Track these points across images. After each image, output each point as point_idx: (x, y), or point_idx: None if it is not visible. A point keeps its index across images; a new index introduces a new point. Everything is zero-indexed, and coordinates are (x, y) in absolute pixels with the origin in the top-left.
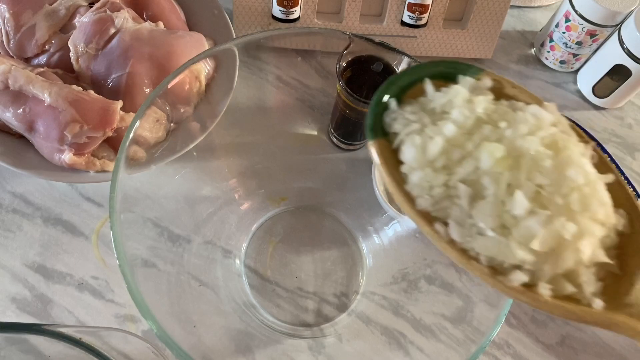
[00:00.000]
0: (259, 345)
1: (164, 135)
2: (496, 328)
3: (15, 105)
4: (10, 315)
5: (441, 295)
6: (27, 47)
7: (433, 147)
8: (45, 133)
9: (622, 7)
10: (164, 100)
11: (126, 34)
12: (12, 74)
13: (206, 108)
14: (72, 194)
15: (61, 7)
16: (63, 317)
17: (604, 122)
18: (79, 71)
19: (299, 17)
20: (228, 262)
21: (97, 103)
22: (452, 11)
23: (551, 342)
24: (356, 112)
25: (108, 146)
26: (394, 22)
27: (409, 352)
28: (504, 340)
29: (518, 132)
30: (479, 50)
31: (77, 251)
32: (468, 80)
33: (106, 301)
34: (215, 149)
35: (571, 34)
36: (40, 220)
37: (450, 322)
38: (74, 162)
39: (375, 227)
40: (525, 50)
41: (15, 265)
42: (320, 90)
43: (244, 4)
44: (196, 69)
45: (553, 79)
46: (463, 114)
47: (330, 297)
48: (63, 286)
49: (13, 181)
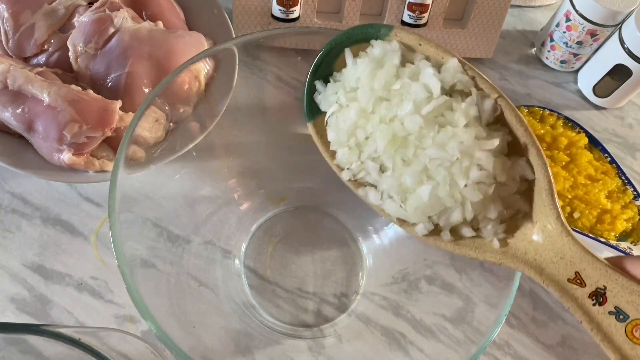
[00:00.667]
0: (259, 346)
1: (163, 135)
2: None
3: (14, 105)
4: (10, 316)
5: (441, 295)
6: (26, 46)
7: (342, 130)
8: (44, 133)
9: (622, 6)
10: (163, 100)
11: (125, 33)
12: (11, 74)
13: (206, 108)
14: (71, 194)
15: (60, 7)
16: (62, 318)
17: (605, 122)
18: (78, 71)
19: (298, 16)
20: (228, 263)
21: (96, 103)
22: (452, 11)
23: (551, 343)
24: None
25: (107, 146)
26: (394, 21)
27: (409, 352)
28: (504, 341)
29: (405, 111)
30: (479, 49)
31: (76, 251)
32: (379, 45)
33: (105, 301)
34: (215, 148)
35: (572, 34)
36: (39, 220)
37: (450, 323)
38: (73, 162)
39: (375, 227)
40: (526, 50)
41: (14, 266)
42: None
43: (244, 4)
44: (195, 69)
45: (553, 79)
46: (365, 96)
47: (330, 298)
48: (62, 286)
49: (12, 181)
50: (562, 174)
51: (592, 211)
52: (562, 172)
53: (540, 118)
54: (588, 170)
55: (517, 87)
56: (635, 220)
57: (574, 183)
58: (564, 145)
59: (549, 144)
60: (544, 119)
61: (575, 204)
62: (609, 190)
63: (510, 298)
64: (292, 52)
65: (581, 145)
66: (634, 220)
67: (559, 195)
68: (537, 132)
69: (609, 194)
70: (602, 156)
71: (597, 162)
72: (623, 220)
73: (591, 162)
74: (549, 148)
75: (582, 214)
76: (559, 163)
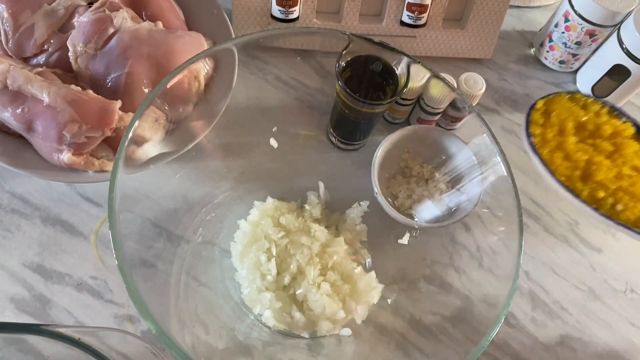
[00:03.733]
0: (258, 345)
1: (163, 135)
2: (495, 328)
3: (13, 105)
4: (9, 316)
5: (440, 295)
6: (25, 46)
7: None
8: (44, 133)
9: (621, 7)
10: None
11: (125, 33)
12: (11, 74)
13: (205, 108)
14: (70, 194)
15: (60, 7)
16: (62, 317)
17: None
18: (78, 71)
19: (298, 16)
20: (227, 262)
21: (95, 103)
22: (452, 11)
23: (550, 343)
24: (355, 111)
25: (107, 146)
26: (393, 22)
27: (408, 352)
28: (503, 341)
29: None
30: (479, 50)
31: (75, 251)
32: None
33: (105, 301)
34: (214, 149)
35: (570, 34)
36: (39, 220)
37: (449, 322)
38: (73, 162)
39: None
40: (525, 50)
41: (14, 265)
42: (320, 90)
43: (243, 4)
44: (195, 69)
45: (552, 79)
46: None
47: None
48: (62, 286)
49: (12, 181)
50: (606, 163)
51: (638, 204)
52: (605, 162)
53: (583, 105)
54: (634, 161)
55: (516, 87)
56: None
57: (618, 173)
58: (608, 134)
59: (591, 132)
60: (587, 107)
61: (619, 195)
62: None
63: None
64: (291, 52)
65: (627, 135)
66: None
67: (600, 185)
68: (579, 119)
69: None
70: None
71: None
72: None
73: (638, 153)
74: (591, 136)
75: (627, 206)
76: (602, 152)
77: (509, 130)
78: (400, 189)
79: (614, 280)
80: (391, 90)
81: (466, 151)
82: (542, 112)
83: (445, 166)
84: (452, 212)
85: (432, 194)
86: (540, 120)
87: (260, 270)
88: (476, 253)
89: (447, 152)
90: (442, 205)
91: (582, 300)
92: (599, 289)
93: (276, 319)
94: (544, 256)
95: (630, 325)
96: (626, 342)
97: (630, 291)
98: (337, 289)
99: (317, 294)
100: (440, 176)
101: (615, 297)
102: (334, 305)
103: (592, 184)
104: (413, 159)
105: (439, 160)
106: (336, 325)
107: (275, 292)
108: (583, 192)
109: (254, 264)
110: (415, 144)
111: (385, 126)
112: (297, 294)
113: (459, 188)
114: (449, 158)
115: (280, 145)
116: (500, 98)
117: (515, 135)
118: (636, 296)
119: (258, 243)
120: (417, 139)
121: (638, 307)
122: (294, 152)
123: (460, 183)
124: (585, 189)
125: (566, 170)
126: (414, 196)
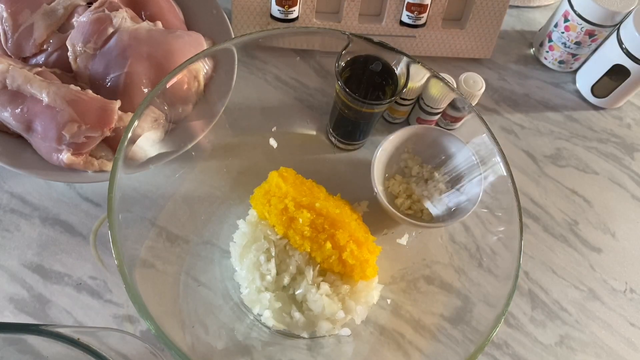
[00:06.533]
0: (258, 346)
1: (163, 135)
2: (495, 328)
3: (13, 104)
4: (8, 316)
5: (440, 295)
6: (25, 46)
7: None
8: (43, 133)
9: (620, 7)
10: (163, 99)
11: (124, 33)
12: (10, 74)
13: (205, 108)
14: (70, 194)
15: (59, 7)
16: (61, 318)
17: (603, 122)
18: (77, 71)
19: (297, 16)
20: (226, 262)
21: (95, 103)
22: (451, 11)
23: (550, 342)
24: (355, 111)
25: (106, 146)
26: (392, 21)
27: (408, 352)
28: (502, 341)
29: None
30: (478, 50)
31: (75, 251)
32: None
33: (104, 301)
34: (214, 148)
35: (570, 34)
36: (38, 220)
37: (449, 323)
38: (72, 161)
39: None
40: (524, 50)
41: (13, 265)
42: (319, 90)
43: (243, 4)
44: (195, 69)
45: (552, 79)
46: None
47: None
48: (61, 286)
49: (11, 181)
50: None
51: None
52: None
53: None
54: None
55: (515, 87)
56: None
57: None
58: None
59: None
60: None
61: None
62: None
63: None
64: (291, 52)
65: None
66: None
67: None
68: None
69: None
70: None
71: None
72: None
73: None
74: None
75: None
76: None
77: (509, 130)
78: (399, 189)
79: (613, 280)
80: (391, 90)
81: (466, 151)
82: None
83: (444, 166)
84: (452, 212)
85: (431, 194)
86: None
87: (260, 270)
88: (476, 253)
89: (447, 152)
90: (441, 205)
91: (582, 300)
92: (599, 289)
93: (276, 319)
94: (544, 256)
95: (629, 325)
96: (625, 342)
97: (630, 291)
98: (336, 289)
99: (316, 294)
100: (439, 176)
101: (615, 297)
102: (334, 306)
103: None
104: (413, 159)
105: (439, 160)
106: (335, 326)
107: (275, 292)
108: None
109: (253, 264)
110: (415, 144)
111: (385, 126)
112: (297, 294)
113: (459, 188)
114: (448, 158)
115: (279, 145)
116: (499, 98)
117: (515, 135)
118: (636, 296)
119: (257, 243)
120: (417, 139)
121: (638, 307)
122: (294, 152)
123: (459, 183)
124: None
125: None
126: (414, 196)
